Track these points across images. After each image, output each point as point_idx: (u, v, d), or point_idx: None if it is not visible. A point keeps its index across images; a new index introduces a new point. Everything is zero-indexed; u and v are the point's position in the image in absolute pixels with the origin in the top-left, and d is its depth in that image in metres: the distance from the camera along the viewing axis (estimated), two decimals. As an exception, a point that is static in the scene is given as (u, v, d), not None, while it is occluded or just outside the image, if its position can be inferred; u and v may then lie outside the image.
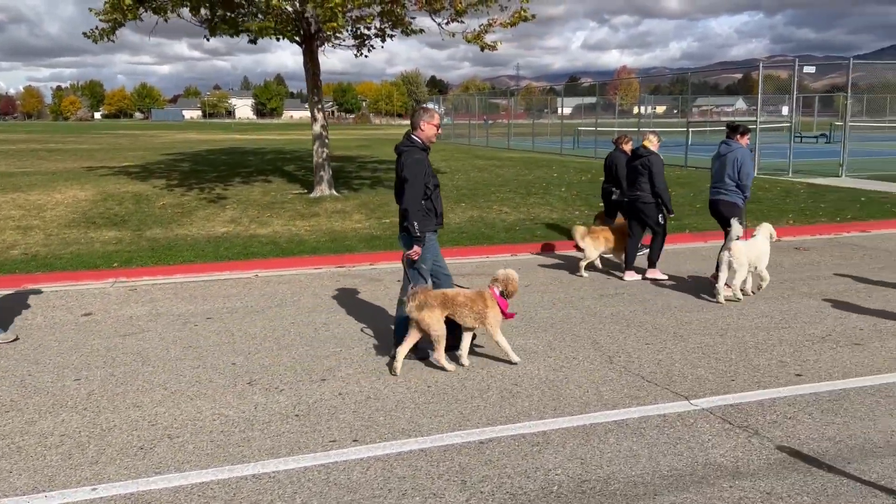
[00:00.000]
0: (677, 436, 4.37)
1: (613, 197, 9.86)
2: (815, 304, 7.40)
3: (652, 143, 8.67)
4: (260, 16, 13.58)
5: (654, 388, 5.16)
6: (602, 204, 10.80)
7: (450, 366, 5.48)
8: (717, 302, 7.54)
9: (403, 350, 5.44)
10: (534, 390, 5.12)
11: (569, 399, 4.96)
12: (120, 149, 32.75)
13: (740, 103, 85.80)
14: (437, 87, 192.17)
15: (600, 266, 9.29)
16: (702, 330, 6.56)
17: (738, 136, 8.19)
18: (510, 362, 5.62)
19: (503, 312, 5.56)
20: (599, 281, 8.67)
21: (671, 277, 8.68)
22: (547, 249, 10.77)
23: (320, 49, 14.99)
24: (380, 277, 8.90)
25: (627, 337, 6.35)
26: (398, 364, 5.41)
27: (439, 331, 5.35)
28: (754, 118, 20.58)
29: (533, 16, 13.93)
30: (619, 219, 9.70)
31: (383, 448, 4.22)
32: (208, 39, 14.74)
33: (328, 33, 13.44)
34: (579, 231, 9.02)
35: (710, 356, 5.84)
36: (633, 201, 8.72)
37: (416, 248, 5.54)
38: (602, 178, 10.48)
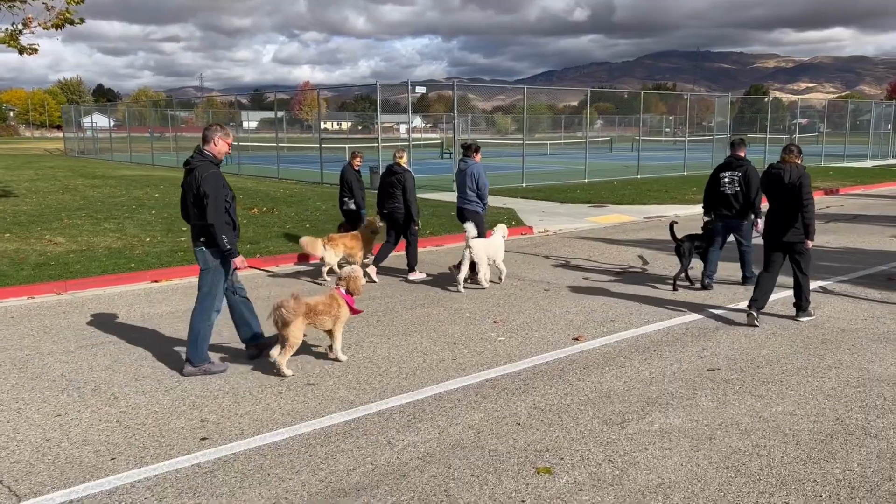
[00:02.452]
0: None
1: (345, 207, 10.63)
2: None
3: (403, 160, 9.57)
4: None
5: (-10, 488, 3.98)
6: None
7: (288, 371, 5.75)
8: (458, 291, 8.70)
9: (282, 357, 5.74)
10: None
11: None
12: None
13: (418, 121, 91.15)
14: (106, 96, 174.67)
15: (330, 275, 9.39)
16: (200, 380, 5.59)
17: (473, 153, 9.32)
18: (338, 360, 6.07)
19: (351, 309, 6.06)
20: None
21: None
22: (75, 288, 9.15)
23: None
24: None
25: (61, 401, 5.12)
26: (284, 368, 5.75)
27: (297, 339, 5.73)
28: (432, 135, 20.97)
29: (81, 20, 12.22)
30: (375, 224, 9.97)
31: None
32: None
33: None
34: (313, 241, 9.36)
35: (141, 420, 4.85)
36: (392, 212, 9.54)
37: (235, 259, 5.80)
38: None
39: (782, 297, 8.30)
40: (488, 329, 7.15)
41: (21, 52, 12.16)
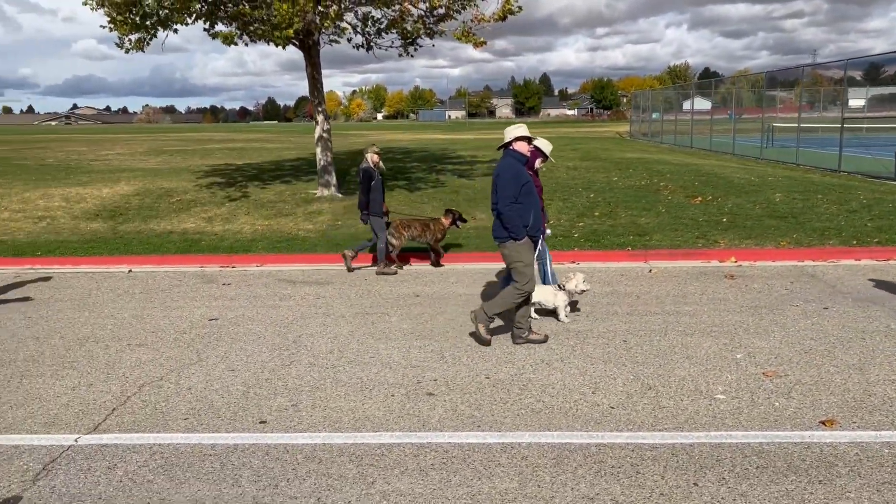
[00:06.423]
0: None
1: None
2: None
3: None
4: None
5: None
6: None
7: None
8: None
9: None
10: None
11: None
12: (263, 149, 33.51)
13: None
14: (710, 78, 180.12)
15: None
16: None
17: None
18: None
19: None
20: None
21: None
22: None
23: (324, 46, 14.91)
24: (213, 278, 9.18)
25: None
26: None
27: None
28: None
29: (520, 8, 13.05)
30: None
31: None
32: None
33: (327, 31, 13.70)
34: None
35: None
36: None
37: None
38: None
39: None
40: (737, 380, 5.20)
41: (475, 46, 13.68)
